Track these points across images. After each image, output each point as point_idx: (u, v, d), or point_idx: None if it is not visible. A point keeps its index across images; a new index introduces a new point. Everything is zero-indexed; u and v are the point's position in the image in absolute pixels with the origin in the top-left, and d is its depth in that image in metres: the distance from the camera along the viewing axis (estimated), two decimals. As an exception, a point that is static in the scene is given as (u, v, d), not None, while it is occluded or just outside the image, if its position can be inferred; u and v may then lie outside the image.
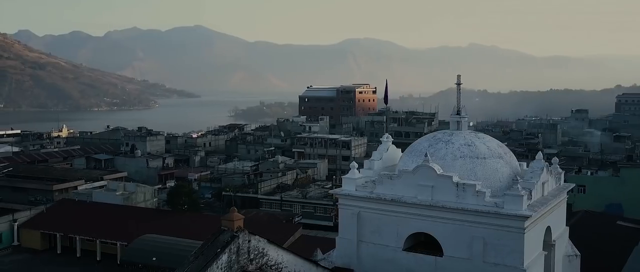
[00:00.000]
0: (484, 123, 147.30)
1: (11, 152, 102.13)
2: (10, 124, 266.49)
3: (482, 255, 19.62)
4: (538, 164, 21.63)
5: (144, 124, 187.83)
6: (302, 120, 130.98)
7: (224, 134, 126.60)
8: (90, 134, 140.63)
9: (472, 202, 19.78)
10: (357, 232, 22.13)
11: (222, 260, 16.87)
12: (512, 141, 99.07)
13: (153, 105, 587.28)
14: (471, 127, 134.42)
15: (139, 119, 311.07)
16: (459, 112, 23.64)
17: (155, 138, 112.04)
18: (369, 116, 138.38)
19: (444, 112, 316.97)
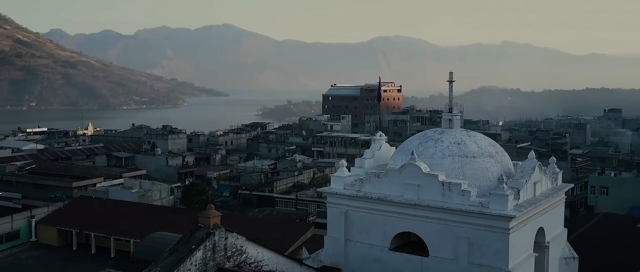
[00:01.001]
0: (511, 123, 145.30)
1: (36, 150, 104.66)
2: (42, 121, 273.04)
3: (467, 255, 19.44)
4: (529, 164, 21.33)
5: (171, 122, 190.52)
6: (325, 119, 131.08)
7: (246, 132, 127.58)
8: (114, 132, 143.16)
9: (458, 201, 19.62)
10: (344, 231, 22.13)
11: (197, 257, 17.07)
12: (538, 141, 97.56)
13: (181, 103, 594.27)
14: (498, 126, 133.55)
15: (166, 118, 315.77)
16: (451, 110, 23.44)
17: (177, 136, 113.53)
18: (393, 115, 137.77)
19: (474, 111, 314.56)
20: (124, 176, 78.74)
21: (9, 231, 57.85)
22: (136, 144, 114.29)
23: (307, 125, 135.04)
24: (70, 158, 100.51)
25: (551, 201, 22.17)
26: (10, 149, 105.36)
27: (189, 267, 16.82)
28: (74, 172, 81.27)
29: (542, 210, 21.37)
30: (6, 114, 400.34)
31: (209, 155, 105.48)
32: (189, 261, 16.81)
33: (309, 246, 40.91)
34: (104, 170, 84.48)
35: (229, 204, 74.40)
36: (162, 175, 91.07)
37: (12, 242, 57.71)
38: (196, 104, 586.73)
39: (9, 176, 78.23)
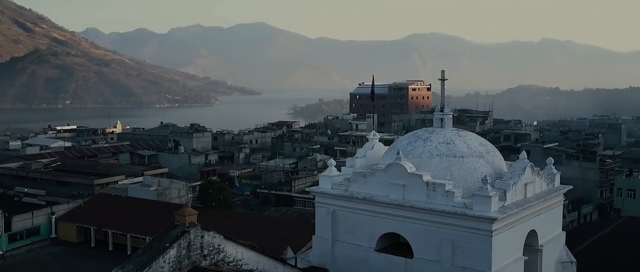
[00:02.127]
0: (544, 122, 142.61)
1: (63, 147, 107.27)
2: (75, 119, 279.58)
3: (451, 258, 19.27)
4: (520, 164, 21.00)
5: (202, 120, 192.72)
6: (351, 118, 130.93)
7: (271, 131, 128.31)
8: (142, 130, 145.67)
9: (442, 202, 19.46)
10: (331, 231, 22.18)
11: (170, 255, 17.31)
12: (569, 142, 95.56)
13: (214, 102, 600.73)
14: (531, 126, 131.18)
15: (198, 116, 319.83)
16: (443, 109, 23.23)
17: (202, 135, 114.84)
18: (421, 114, 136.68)
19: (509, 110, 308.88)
20: (145, 174, 79.85)
21: (30, 227, 59.30)
22: (162, 142, 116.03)
23: (333, 124, 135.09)
24: (96, 156, 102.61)
25: (545, 203, 21.79)
26: (39, 146, 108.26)
27: (162, 265, 17.06)
28: (98, 169, 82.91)
29: (533, 212, 21.02)
30: (42, 112, 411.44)
31: (233, 153, 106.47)
32: (162, 258, 17.05)
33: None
34: (127, 168, 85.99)
35: (248, 202, 74.98)
36: (184, 173, 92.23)
37: (33, 238, 59.15)
38: (229, 102, 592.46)
39: (35, 173, 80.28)
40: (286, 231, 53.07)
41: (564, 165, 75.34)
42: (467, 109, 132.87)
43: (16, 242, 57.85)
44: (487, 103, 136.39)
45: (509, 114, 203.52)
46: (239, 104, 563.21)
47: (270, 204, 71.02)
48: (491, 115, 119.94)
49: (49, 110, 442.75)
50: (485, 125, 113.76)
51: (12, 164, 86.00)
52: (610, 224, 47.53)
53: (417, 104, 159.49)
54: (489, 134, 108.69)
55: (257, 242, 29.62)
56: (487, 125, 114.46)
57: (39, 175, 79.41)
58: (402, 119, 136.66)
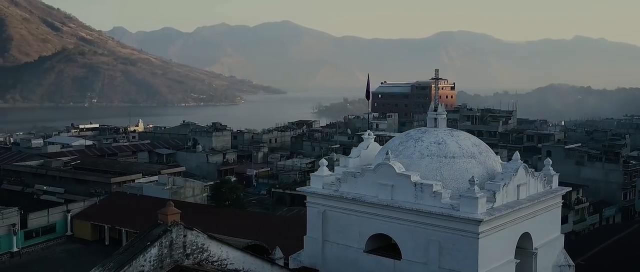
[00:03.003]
0: (571, 123, 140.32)
1: (84, 146, 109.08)
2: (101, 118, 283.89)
3: (438, 260, 19.12)
4: (512, 165, 20.74)
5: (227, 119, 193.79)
6: (371, 117, 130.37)
7: (290, 130, 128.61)
8: (163, 128, 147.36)
9: (429, 203, 19.32)
10: (322, 232, 22.18)
11: (151, 253, 17.52)
12: (595, 142, 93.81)
13: (239, 101, 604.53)
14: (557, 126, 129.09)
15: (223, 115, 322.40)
16: (436, 108, 23.06)
17: (221, 134, 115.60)
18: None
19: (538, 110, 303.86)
20: (162, 173, 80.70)
21: (46, 224, 60.47)
22: (182, 141, 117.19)
23: (354, 123, 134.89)
24: (116, 154, 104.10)
25: (540, 205, 21.47)
26: (60, 144, 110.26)
27: (143, 263, 17.28)
28: (116, 168, 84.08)
29: (527, 214, 20.73)
30: (69, 111, 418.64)
31: (252, 152, 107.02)
32: (143, 257, 17.27)
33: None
34: (144, 166, 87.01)
35: (264, 202, 75.34)
36: (202, 172, 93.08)
37: (48, 236, 60.33)
38: (253, 101, 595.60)
39: (54, 171, 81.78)
40: (297, 231, 53.30)
41: (586, 166, 74.20)
42: (490, 109, 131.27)
43: (32, 240, 59.06)
44: (510, 102, 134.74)
45: (537, 113, 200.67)
46: (263, 103, 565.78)
47: (285, 203, 71.22)
48: (515, 115, 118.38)
49: (75, 108, 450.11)
50: (509, 125, 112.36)
51: (33, 162, 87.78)
52: (631, 227, 46.69)
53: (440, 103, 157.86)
54: (512, 134, 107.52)
55: (267, 241, 29.81)
56: (510, 125, 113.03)
57: (57, 173, 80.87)
58: (423, 118, 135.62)
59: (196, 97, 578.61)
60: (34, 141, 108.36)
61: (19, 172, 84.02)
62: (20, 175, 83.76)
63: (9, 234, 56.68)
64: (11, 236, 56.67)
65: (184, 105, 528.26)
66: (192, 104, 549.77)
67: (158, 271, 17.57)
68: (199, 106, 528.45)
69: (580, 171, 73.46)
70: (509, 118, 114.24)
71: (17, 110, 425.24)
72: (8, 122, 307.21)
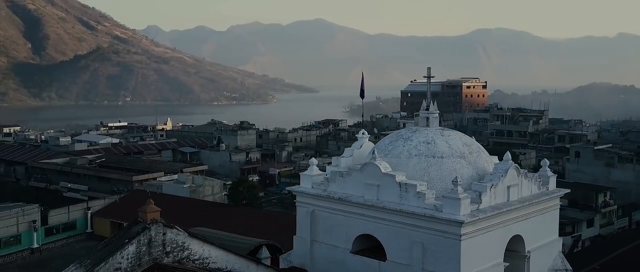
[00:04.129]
0: (608, 123, 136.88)
1: (110, 144, 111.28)
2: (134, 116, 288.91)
3: (421, 262, 18.98)
4: (503, 166, 20.40)
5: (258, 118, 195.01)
6: (399, 116, 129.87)
7: (316, 129, 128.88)
8: (191, 127, 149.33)
9: (414, 203, 19.19)
10: (310, 232, 22.23)
11: (129, 251, 17.79)
12: (629, 143, 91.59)
13: (271, 100, 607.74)
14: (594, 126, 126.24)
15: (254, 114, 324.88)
16: (428, 107, 22.86)
17: (247, 132, 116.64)
18: (474, 112, 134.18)
19: (578, 109, 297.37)
20: (184, 171, 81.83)
21: (66, 221, 61.84)
22: (208, 140, 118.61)
23: (381, 123, 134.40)
24: (142, 152, 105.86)
25: (533, 207, 21.10)
26: (88, 142, 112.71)
27: (120, 261, 17.56)
28: (139, 166, 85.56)
29: (518, 216, 20.40)
30: (103, 109, 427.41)
31: (275, 151, 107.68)
32: (120, 254, 17.55)
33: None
34: (167, 164, 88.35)
35: (284, 201, 75.73)
36: (225, 170, 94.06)
37: (69, 233, 61.66)
38: (286, 100, 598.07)
39: (78, 169, 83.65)
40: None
41: (616, 168, 72.48)
42: (520, 108, 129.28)
43: (52, 236, 60.48)
44: (542, 102, 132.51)
45: (576, 113, 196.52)
46: (295, 102, 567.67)
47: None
48: (547, 115, 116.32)
49: (109, 107, 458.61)
50: (540, 125, 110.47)
51: (59, 159, 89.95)
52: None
53: (471, 102, 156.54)
54: (543, 134, 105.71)
55: (282, 241, 29.99)
56: (541, 125, 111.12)
57: (81, 171, 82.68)
58: (453, 118, 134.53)
59: (228, 96, 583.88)
60: (62, 139, 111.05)
61: (45, 170, 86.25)
62: (46, 172, 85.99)
63: (30, 230, 58.19)
64: (32, 232, 58.16)
65: (216, 104, 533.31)
66: (224, 102, 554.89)
67: (136, 268, 17.84)
68: (231, 105, 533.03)
69: (610, 173, 71.85)
70: (540, 118, 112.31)
71: (53, 108, 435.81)
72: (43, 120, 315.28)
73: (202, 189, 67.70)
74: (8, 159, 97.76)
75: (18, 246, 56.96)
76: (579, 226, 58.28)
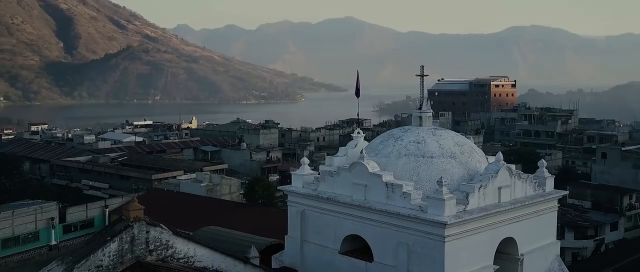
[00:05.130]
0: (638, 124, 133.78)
1: (134, 142, 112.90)
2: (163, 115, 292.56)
3: (407, 263, 18.86)
4: (494, 166, 20.12)
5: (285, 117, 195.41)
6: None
7: (339, 128, 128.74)
8: (216, 125, 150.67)
9: (399, 204, 19.08)
10: (300, 232, 22.27)
11: (111, 248, 18.02)
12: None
13: (299, 99, 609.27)
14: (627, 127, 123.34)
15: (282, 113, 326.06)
16: (421, 106, 22.67)
17: (269, 131, 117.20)
18: (502, 112, 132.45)
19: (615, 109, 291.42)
20: (204, 170, 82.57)
21: (84, 219, 62.92)
22: (231, 138, 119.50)
23: (406, 122, 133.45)
24: (165, 151, 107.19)
25: (527, 209, 20.77)
26: (112, 140, 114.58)
27: (101, 258, 17.81)
28: (160, 164, 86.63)
29: (510, 218, 20.11)
30: (132, 107, 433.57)
31: (296, 151, 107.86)
32: (101, 251, 17.80)
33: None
34: (187, 163, 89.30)
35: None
36: (245, 169, 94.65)
37: (86, 230, 62.54)
38: (314, 99, 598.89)
39: (99, 167, 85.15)
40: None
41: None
42: (549, 107, 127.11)
43: (70, 233, 61.52)
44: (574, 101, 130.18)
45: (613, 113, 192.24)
46: (324, 100, 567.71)
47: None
48: (576, 115, 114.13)
49: (139, 105, 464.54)
50: (569, 125, 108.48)
51: (82, 157, 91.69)
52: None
53: (500, 101, 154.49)
54: (572, 135, 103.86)
55: None
56: (570, 125, 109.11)
57: (102, 169, 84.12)
58: (480, 117, 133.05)
59: (257, 94, 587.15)
60: (87, 137, 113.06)
61: (68, 167, 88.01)
62: (68, 170, 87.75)
63: (48, 227, 59.33)
64: (50, 230, 59.30)
65: (245, 103, 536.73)
66: (253, 101, 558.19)
67: (118, 266, 18.08)
68: (259, 104, 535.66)
69: (639, 175, 70.19)
70: (569, 117, 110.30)
71: (83, 107, 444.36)
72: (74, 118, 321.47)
73: (219, 188, 68.24)
74: (33, 156, 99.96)
75: (36, 243, 58.14)
76: (602, 230, 57.11)
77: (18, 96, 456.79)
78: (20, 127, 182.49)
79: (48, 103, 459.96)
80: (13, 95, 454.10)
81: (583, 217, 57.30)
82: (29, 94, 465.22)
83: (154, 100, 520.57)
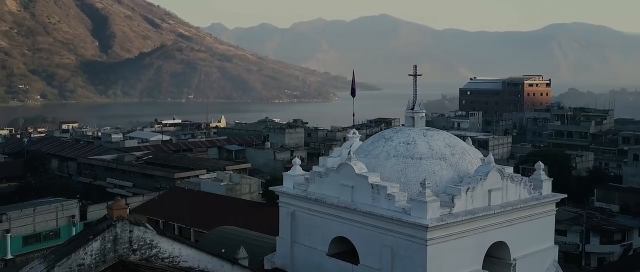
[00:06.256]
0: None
1: (160, 141, 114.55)
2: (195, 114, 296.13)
3: (390, 266, 18.73)
4: (483, 169, 19.82)
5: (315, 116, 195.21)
6: (453, 115, 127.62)
7: (366, 128, 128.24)
8: (244, 124, 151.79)
9: (384, 206, 18.95)
10: (290, 233, 22.31)
11: (93, 247, 18.33)
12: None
13: (332, 98, 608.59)
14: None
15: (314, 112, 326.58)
16: (413, 107, 22.47)
17: (294, 131, 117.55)
18: (535, 112, 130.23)
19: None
20: (227, 169, 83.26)
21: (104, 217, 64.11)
22: (258, 137, 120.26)
23: (436, 122, 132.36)
24: (191, 149, 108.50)
25: (520, 213, 20.40)
26: (138, 139, 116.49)
27: (83, 256, 18.14)
28: (184, 163, 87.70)
29: (500, 222, 19.78)
30: (166, 106, 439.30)
31: (321, 150, 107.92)
32: (83, 250, 18.13)
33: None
34: (211, 162, 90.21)
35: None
36: (269, 169, 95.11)
37: (107, 228, 63.94)
38: (347, 98, 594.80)
39: (124, 166, 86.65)
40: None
41: (679, 172, 68.87)
42: (584, 107, 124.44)
43: (91, 231, 63.03)
44: (618, 100, 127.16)
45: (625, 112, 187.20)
46: (357, 99, 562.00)
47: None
48: (612, 115, 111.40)
49: (172, 104, 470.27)
50: (604, 126, 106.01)
51: (108, 156, 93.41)
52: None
53: (533, 101, 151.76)
54: (606, 136, 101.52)
55: None
56: (605, 126, 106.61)
57: (127, 167, 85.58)
58: (513, 117, 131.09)
59: (290, 93, 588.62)
60: (114, 136, 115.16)
61: (93, 166, 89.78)
62: (94, 168, 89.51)
63: (69, 225, 60.77)
64: (70, 227, 60.70)
65: (277, 102, 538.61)
66: (285, 100, 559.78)
67: (100, 265, 18.38)
68: (292, 103, 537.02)
69: (672, 177, 68.33)
70: (604, 118, 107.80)
71: (118, 105, 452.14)
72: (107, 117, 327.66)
73: (239, 187, 68.81)
74: (61, 154, 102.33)
75: (57, 240, 59.34)
76: (630, 234, 55.70)
77: (54, 95, 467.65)
78: (54, 126, 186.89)
79: (83, 102, 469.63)
80: (49, 94, 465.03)
81: (610, 221, 56.01)
82: (65, 93, 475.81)
83: (188, 99, 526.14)
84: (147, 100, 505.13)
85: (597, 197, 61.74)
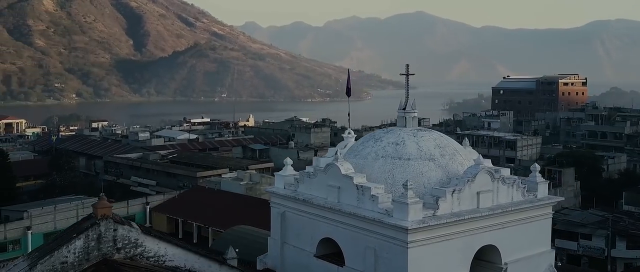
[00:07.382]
0: None
1: (186, 140, 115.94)
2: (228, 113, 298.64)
3: (374, 268, 18.63)
4: (471, 170, 19.52)
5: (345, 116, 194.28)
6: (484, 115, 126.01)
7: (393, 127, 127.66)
8: (271, 123, 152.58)
9: (368, 207, 18.86)
10: (281, 233, 22.36)
11: (76, 245, 18.65)
12: None
13: (365, 96, 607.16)
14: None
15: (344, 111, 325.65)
16: (405, 107, 22.27)
17: (320, 130, 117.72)
18: (569, 111, 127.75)
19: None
20: (250, 168, 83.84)
21: (125, 215, 65.01)
22: (284, 137, 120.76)
23: (467, 122, 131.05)
24: (217, 148, 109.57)
25: (512, 216, 20.04)
26: (165, 138, 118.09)
27: (66, 255, 18.47)
28: (207, 162, 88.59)
29: (490, 225, 19.47)
30: (199, 105, 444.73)
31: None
32: (66, 248, 18.47)
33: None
34: (234, 161, 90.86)
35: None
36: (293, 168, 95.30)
37: (127, 226, 65.00)
38: (381, 97, 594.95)
39: (148, 164, 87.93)
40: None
41: None
42: (620, 107, 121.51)
43: (112, 229, 64.14)
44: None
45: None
46: (391, 98, 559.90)
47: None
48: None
49: (206, 103, 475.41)
50: (638, 127, 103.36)
51: (134, 154, 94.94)
52: None
53: (568, 100, 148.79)
54: (638, 137, 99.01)
55: None
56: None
57: (150, 166, 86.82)
58: (546, 117, 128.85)
59: (322, 92, 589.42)
60: (141, 135, 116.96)
61: (118, 164, 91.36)
62: (119, 166, 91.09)
63: (89, 222, 61.96)
64: (91, 225, 61.90)
65: (310, 101, 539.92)
66: (318, 99, 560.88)
67: (84, 263, 18.70)
68: (324, 102, 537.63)
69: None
70: (639, 118, 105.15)
71: (151, 104, 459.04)
72: (140, 115, 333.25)
73: (259, 187, 69.06)
74: (89, 153, 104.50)
75: (77, 237, 60.85)
76: (657, 240, 54.17)
77: (89, 93, 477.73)
78: (85, 124, 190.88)
79: (117, 100, 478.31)
80: (85, 93, 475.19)
81: (637, 225, 54.61)
82: (100, 91, 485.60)
83: (221, 98, 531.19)
84: (180, 99, 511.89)
85: (625, 200, 60.24)
